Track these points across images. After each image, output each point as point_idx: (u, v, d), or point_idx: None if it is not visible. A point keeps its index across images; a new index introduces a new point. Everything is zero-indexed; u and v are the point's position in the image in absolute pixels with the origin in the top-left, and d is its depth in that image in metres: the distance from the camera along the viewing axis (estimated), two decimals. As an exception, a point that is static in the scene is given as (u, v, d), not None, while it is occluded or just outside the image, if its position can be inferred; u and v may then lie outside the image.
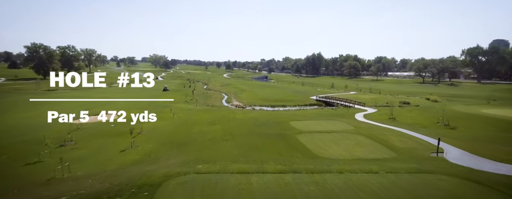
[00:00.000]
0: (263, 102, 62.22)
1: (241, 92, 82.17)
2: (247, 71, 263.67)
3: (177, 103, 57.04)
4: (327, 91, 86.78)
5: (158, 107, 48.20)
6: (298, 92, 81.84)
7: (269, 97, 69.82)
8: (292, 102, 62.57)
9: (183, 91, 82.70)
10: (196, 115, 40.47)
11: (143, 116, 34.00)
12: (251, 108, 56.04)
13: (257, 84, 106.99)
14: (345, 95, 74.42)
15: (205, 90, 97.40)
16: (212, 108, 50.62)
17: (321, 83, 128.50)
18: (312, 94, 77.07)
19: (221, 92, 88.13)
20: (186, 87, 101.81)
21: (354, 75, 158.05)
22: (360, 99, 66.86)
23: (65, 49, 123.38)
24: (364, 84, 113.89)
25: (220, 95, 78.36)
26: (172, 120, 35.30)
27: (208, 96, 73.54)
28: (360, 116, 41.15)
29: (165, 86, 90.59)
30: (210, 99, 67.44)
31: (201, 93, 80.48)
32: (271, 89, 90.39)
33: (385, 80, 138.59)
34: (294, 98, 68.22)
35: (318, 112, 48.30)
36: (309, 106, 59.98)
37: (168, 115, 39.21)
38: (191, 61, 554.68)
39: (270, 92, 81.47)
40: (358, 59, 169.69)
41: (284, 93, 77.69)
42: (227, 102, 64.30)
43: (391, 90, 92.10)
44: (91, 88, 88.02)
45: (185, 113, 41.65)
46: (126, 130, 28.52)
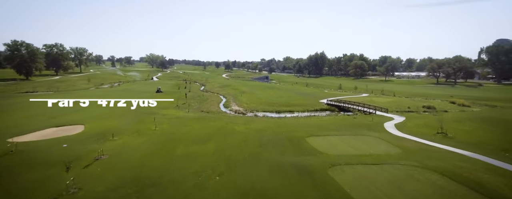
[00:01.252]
0: (267, 107, 53.92)
1: (241, 94, 73.85)
2: (247, 71, 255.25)
3: (167, 108, 48.70)
4: (336, 93, 78.54)
5: (141, 114, 39.84)
6: (304, 94, 73.58)
7: (272, 100, 61.53)
8: (300, 107, 54.28)
9: (177, 93, 74.40)
10: (185, 126, 32.12)
11: (112, 135, 25.98)
12: (253, 114, 47.71)
13: (258, 85, 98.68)
14: (358, 98, 66.16)
15: (202, 92, 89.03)
16: (206, 115, 42.27)
17: (327, 84, 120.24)
18: (321, 96, 68.79)
19: (219, 94, 79.81)
20: (181, 89, 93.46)
21: (360, 76, 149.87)
22: (376, 102, 58.68)
23: (52, 47, 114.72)
24: (374, 85, 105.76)
25: (217, 98, 70.01)
26: (151, 136, 26.93)
27: (204, 99, 65.18)
28: (391, 126, 32.88)
29: (159, 88, 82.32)
30: (205, 103, 59.08)
31: (196, 96, 72.15)
32: (274, 90, 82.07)
33: (394, 80, 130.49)
34: (301, 101, 59.96)
35: (334, 120, 40.00)
36: (320, 112, 51.67)
37: (148, 127, 30.85)
38: (189, 61, 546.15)
39: (273, 94, 73.16)
40: (364, 58, 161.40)
41: (289, 96, 69.40)
42: (225, 107, 55.96)
43: (406, 92, 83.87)
44: (76, 90, 79.79)
45: (172, 123, 33.30)
46: (81, 154, 20.19)
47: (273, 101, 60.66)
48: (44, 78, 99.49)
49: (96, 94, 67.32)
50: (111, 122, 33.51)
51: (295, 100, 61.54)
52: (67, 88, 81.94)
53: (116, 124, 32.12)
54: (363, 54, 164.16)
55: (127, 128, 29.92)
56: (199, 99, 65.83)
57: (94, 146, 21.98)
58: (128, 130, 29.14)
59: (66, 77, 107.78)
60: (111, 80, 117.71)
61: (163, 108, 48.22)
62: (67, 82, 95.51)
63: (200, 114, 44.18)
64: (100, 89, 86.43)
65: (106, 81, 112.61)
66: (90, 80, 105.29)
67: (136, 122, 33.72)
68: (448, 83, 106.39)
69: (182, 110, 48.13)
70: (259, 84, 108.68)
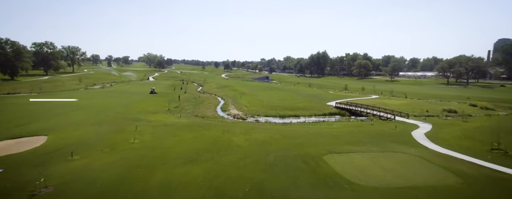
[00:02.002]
0: (269, 111, 48.31)
1: (241, 96, 68.24)
2: (246, 71, 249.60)
3: (156, 112, 43.06)
4: (342, 95, 72.92)
5: (124, 120, 34.18)
6: (309, 96, 67.97)
7: (275, 103, 55.91)
8: (306, 111, 48.67)
9: (172, 95, 68.84)
10: (172, 137, 26.49)
11: (71, 153, 20.36)
12: (254, 119, 42.08)
13: (259, 86, 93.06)
14: (368, 100, 60.57)
15: (199, 93, 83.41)
16: (201, 122, 36.64)
17: (330, 85, 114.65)
18: (327, 98, 63.18)
19: (217, 96, 74.21)
20: (177, 89, 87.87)
21: (364, 76, 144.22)
22: (389, 105, 53.14)
23: (42, 45, 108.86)
24: (381, 86, 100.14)
25: (215, 100, 64.35)
26: (126, 152, 21.30)
27: (200, 102, 59.54)
28: (421, 137, 27.20)
29: (153, 89, 76.70)
30: (201, 106, 53.43)
31: (192, 97, 66.52)
32: (275, 92, 76.48)
33: (401, 81, 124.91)
34: (306, 104, 54.35)
35: (349, 127, 34.39)
36: (329, 116, 46.07)
37: (126, 138, 25.21)
38: (189, 61, 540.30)
39: (275, 96, 67.57)
40: (368, 57, 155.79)
41: (292, 98, 63.80)
42: (223, 110, 50.32)
43: (417, 93, 78.29)
44: (63, 92, 74.10)
45: (157, 133, 27.65)
46: (14, 185, 14.57)
47: (276, 103, 55.06)
48: (32, 78, 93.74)
49: (83, 96, 61.64)
50: (83, 131, 27.85)
51: (300, 103, 55.95)
52: (53, 89, 76.20)
53: (88, 135, 26.47)
54: (367, 53, 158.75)
55: (100, 141, 24.28)
56: (194, 101, 60.21)
57: (40, 170, 16.33)
58: (99, 143, 23.50)
59: (56, 77, 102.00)
60: (104, 81, 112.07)
61: (152, 113, 42.59)
62: (55, 82, 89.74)
63: (193, 120, 38.53)
64: (90, 90, 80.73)
65: (99, 82, 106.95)
66: (81, 81, 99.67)
67: (113, 131, 28.06)
68: (459, 84, 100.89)
69: (174, 114, 42.48)
70: (259, 84, 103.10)
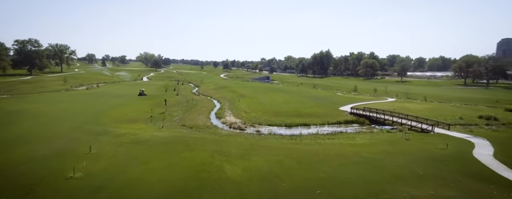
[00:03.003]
0: (273, 118, 40.24)
1: (239, 98, 60.19)
2: (246, 71, 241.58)
3: (134, 121, 35.01)
4: (353, 98, 64.84)
5: (84, 134, 26.10)
6: (316, 98, 59.89)
7: (279, 107, 47.81)
8: (317, 118, 40.58)
9: (163, 97, 60.94)
10: (136, 165, 18.44)
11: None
12: (255, 130, 34.02)
13: (259, 87, 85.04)
14: (386, 104, 52.58)
15: (193, 94, 75.40)
16: (186, 135, 28.58)
17: (336, 85, 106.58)
18: (338, 102, 55.11)
19: (213, 99, 66.18)
20: (170, 91, 79.90)
21: (371, 76, 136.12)
22: (411, 110, 45.20)
23: (25, 43, 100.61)
24: (393, 87, 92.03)
25: (209, 104, 56.28)
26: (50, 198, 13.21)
27: (192, 106, 51.46)
28: (494, 164, 19.03)
29: (142, 90, 68.63)
30: (192, 112, 45.33)
31: (184, 101, 58.47)
32: (278, 94, 68.43)
33: (412, 81, 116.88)
34: (316, 109, 46.22)
35: (380, 145, 26.26)
36: (346, 125, 38.03)
37: (67, 166, 17.10)
38: (188, 61, 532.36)
39: (278, 98, 59.54)
40: (375, 57, 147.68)
41: (298, 101, 55.75)
42: (218, 117, 42.22)
43: (436, 95, 70.26)
44: (41, 93, 66.10)
45: (117, 158, 19.60)
46: None
47: (280, 108, 46.96)
48: (11, 79, 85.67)
49: (54, 99, 53.56)
50: (9, 155, 19.72)
51: (308, 107, 47.85)
52: (32, 91, 68.18)
53: (9, 162, 18.35)
54: (373, 52, 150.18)
55: (19, 175, 16.18)
56: (186, 105, 52.13)
57: None
58: (16, 179, 15.41)
59: (39, 78, 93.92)
60: (93, 81, 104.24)
61: (129, 122, 34.51)
62: (36, 83, 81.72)
63: (178, 132, 30.45)
64: (71, 91, 72.68)
65: (87, 82, 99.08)
66: (66, 81, 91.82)
67: (54, 154, 19.97)
68: (478, 84, 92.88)
69: (155, 124, 34.39)
70: (260, 85, 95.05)
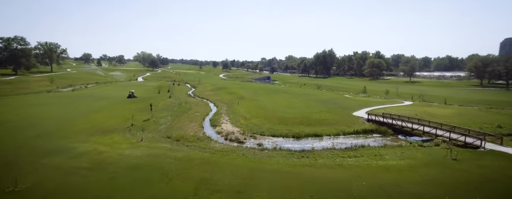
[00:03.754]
0: (277, 126, 34.01)
1: (239, 101, 53.95)
2: (246, 71, 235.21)
3: (108, 132, 28.74)
4: (365, 100, 58.51)
5: (29, 156, 19.83)
6: (324, 102, 53.61)
7: (284, 112, 41.48)
8: (328, 126, 34.31)
9: (153, 100, 54.77)
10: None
11: None
12: (256, 143, 27.73)
13: (260, 88, 78.84)
14: (403, 108, 46.34)
15: (188, 96, 69.19)
16: (166, 155, 22.32)
17: (342, 86, 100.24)
18: (350, 106, 48.80)
19: (209, 101, 59.97)
20: (163, 92, 73.73)
21: (377, 76, 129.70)
22: (437, 116, 39.02)
23: (10, 41, 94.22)
24: (404, 88, 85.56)
25: (204, 108, 49.99)
26: None
27: (184, 111, 45.17)
28: None
29: (132, 92, 62.44)
30: (183, 118, 39.03)
31: (176, 104, 52.23)
32: (281, 96, 62.20)
33: (422, 82, 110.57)
34: (326, 115, 39.91)
35: (421, 167, 19.98)
36: (366, 136, 31.78)
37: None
38: (187, 60, 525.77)
39: (282, 101, 53.30)
40: (381, 56, 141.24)
41: (305, 104, 49.49)
42: (213, 125, 35.92)
43: (455, 98, 63.90)
44: (19, 95, 59.89)
45: (61, 193, 13.26)
46: None
47: (285, 114, 40.66)
48: (-8, 79, 79.47)
49: (28, 102, 47.24)
50: None
51: (317, 113, 41.56)
52: (8, 92, 61.97)
53: None
54: (379, 51, 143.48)
55: None
56: (177, 110, 45.84)
57: None
58: None
59: (23, 78, 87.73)
60: (84, 81, 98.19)
61: (102, 132, 28.24)
62: (17, 84, 75.51)
63: (158, 148, 24.13)
64: (54, 93, 66.48)
65: (77, 83, 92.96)
66: (53, 81, 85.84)
67: None
68: (496, 85, 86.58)
69: (134, 135, 28.08)
70: (261, 86, 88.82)
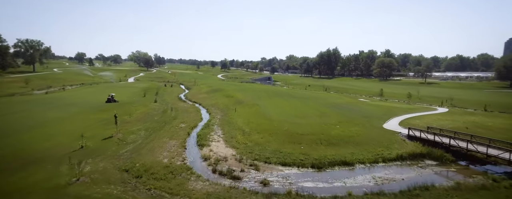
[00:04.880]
0: (287, 147, 24.48)
1: (236, 107, 44.37)
2: (245, 71, 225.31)
3: (30, 164, 19.08)
4: (385, 106, 48.91)
5: None
6: (339, 107, 44.04)
7: (293, 124, 31.82)
8: (359, 148, 24.75)
9: (136, 105, 45.32)
10: None
11: None
12: (260, 178, 18.09)
13: (261, 90, 69.36)
14: (442, 117, 36.88)
15: (178, 101, 59.64)
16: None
17: (352, 88, 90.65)
18: (372, 113, 39.16)
19: (202, 107, 50.47)
20: (150, 96, 64.09)
21: (387, 76, 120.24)
22: (493, 129, 29.59)
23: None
24: (424, 91, 75.91)
25: (194, 116, 40.37)
26: None
27: (166, 121, 35.55)
28: None
29: (111, 95, 52.80)
30: (160, 134, 29.39)
31: (160, 112, 42.69)
32: (287, 100, 52.66)
33: (440, 83, 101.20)
34: (350, 128, 30.31)
35: None
36: (415, 164, 22.33)
37: None
38: (186, 60, 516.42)
39: (288, 107, 43.75)
40: (391, 55, 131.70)
41: (316, 111, 39.90)
42: (199, 145, 26.25)
43: (492, 103, 54.37)
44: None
45: None
46: None
47: (295, 126, 31.06)
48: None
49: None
50: None
51: (336, 125, 32.00)
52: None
53: None
54: (389, 50, 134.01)
55: None
56: (158, 120, 36.22)
57: None
58: None
59: (-6, 78, 78.07)
60: (67, 82, 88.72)
61: (22, 165, 18.60)
62: (-17, 85, 65.77)
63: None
64: (19, 97, 56.82)
65: (58, 84, 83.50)
66: (29, 82, 76.70)
67: None
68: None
69: (72, 168, 18.41)
70: (261, 88, 79.29)
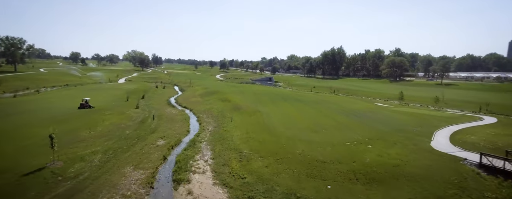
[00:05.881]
0: (306, 187, 15.66)
1: (233, 114, 35.56)
2: (245, 71, 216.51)
3: None
4: (415, 113, 40.11)
5: None
6: (360, 116, 35.32)
7: (309, 144, 23.03)
8: (410, 187, 15.85)
9: (114, 111, 36.62)
10: None
11: None
12: None
13: (263, 92, 60.77)
14: (502, 131, 28.09)
15: (166, 106, 50.97)
16: None
17: (361, 90, 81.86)
18: (403, 124, 30.41)
19: (193, 114, 41.87)
20: (134, 99, 55.31)
21: (398, 77, 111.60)
22: None
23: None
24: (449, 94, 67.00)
25: (178, 129, 31.64)
26: None
27: (139, 138, 26.81)
28: None
29: (86, 100, 43.89)
30: (121, 161, 20.68)
31: (137, 121, 34.04)
32: (293, 105, 43.98)
33: (459, 84, 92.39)
34: (388, 151, 21.54)
35: None
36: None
37: None
38: (185, 60, 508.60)
39: (298, 116, 35.01)
40: (401, 54, 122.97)
41: (335, 122, 31.17)
42: (175, 179, 17.56)
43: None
44: None
45: None
46: None
47: (312, 147, 22.36)
48: None
49: None
50: None
51: (367, 144, 23.35)
52: None
53: None
54: (399, 48, 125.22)
55: None
56: (129, 134, 27.44)
57: None
58: None
59: (-38, 79, 69.39)
60: (49, 83, 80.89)
61: None
62: None
63: None
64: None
65: (38, 85, 75.52)
66: (1, 84, 68.57)
67: None
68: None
69: None
70: (263, 89, 70.67)
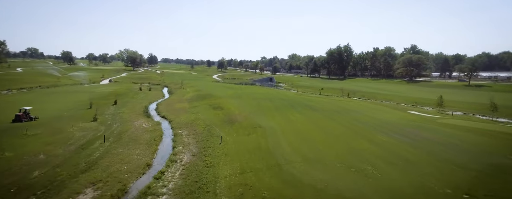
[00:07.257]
0: None
1: (225, 130, 23.79)
2: (244, 71, 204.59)
3: None
4: (484, 130, 28.43)
5: None
6: (413, 138, 23.54)
7: None
8: None
9: (55, 127, 24.81)
10: None
11: None
12: None
13: (264, 97, 49.16)
14: None
15: (140, 115, 39.17)
16: None
17: (378, 92, 70.04)
18: (484, 150, 18.67)
19: (171, 126, 30.14)
20: (101, 106, 43.42)
21: (414, 77, 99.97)
22: None
23: None
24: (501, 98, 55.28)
25: (138, 155, 19.80)
26: None
27: (48, 188, 14.91)
28: None
29: (25, 110, 32.46)
30: None
31: (78, 144, 22.09)
32: (305, 116, 32.30)
33: (492, 86, 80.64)
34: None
35: None
36: None
37: None
38: (183, 60, 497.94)
39: (317, 137, 23.26)
40: (418, 51, 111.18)
41: (381, 151, 19.46)
42: None
43: None
44: None
45: None
46: None
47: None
48: None
49: None
50: None
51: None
52: None
53: None
54: (416, 45, 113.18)
55: None
56: (30, 184, 15.53)
57: None
58: None
59: None
60: (17, 85, 71.90)
61: None
62: None
63: None
64: None
65: (2, 87, 65.68)
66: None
67: None
68: None
69: None
70: (263, 92, 59.03)
